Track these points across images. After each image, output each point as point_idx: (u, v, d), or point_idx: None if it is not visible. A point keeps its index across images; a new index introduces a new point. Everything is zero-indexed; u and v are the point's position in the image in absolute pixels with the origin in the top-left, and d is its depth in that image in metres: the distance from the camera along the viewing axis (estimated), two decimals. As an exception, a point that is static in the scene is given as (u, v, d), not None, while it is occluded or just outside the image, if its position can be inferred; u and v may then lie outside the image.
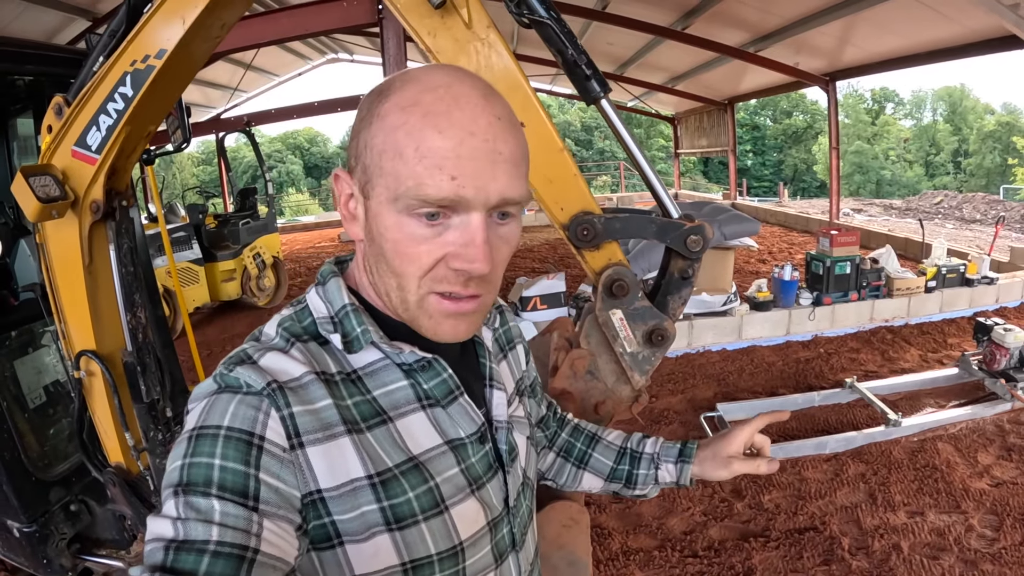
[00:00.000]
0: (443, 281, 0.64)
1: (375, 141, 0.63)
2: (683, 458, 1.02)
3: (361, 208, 0.67)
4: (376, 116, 0.63)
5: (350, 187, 0.68)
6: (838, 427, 4.06)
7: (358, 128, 0.66)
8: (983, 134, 33.48)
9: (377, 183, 0.63)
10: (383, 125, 0.62)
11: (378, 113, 0.63)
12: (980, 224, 13.87)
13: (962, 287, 6.26)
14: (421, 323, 0.68)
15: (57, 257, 1.93)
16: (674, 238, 1.43)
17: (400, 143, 0.61)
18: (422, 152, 0.60)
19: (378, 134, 0.63)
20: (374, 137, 0.63)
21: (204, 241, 7.13)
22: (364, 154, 0.64)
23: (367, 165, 0.64)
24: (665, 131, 31.89)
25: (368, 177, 0.64)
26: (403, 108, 0.61)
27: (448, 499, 0.69)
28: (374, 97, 0.65)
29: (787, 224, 12.51)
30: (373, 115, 0.64)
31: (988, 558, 2.73)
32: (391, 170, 0.61)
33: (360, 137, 0.65)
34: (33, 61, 2.44)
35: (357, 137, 0.66)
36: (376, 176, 0.63)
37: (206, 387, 0.64)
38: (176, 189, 25.57)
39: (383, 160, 0.62)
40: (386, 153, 0.62)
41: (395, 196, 0.62)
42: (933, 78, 72.38)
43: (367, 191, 0.65)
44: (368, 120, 0.64)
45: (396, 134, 0.61)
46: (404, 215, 0.62)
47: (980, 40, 7.43)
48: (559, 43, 1.31)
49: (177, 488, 0.57)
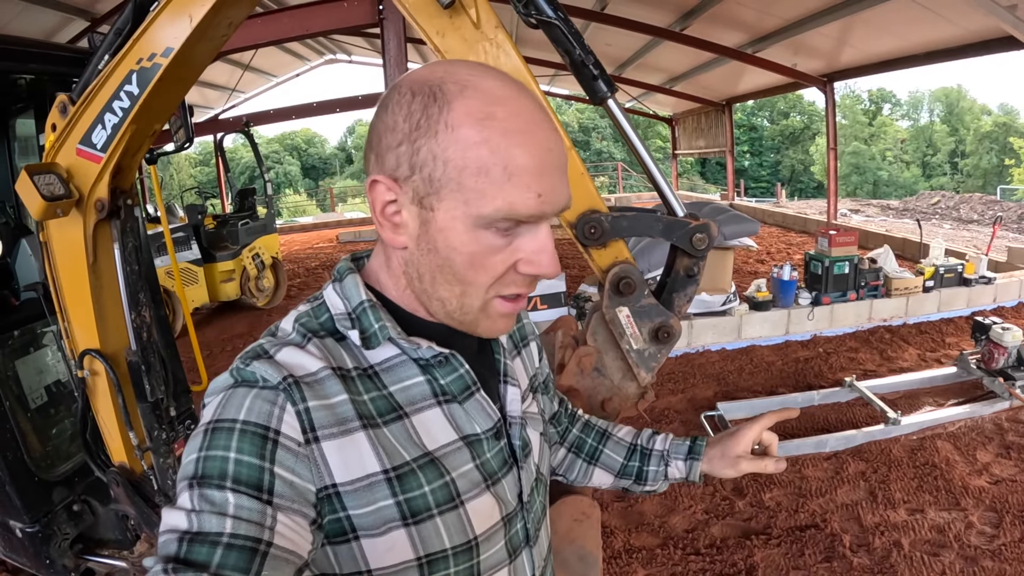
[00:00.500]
0: (511, 285, 0.67)
1: (449, 155, 0.61)
2: (692, 455, 1.02)
3: (413, 218, 0.65)
4: (444, 126, 0.61)
5: (393, 194, 0.65)
6: (838, 426, 4.07)
7: (414, 136, 0.62)
8: (980, 135, 33.60)
9: (450, 197, 0.62)
10: (457, 138, 0.61)
11: (446, 123, 0.61)
12: (977, 224, 13.92)
13: (960, 287, 6.28)
14: (479, 324, 0.70)
15: (61, 256, 1.93)
16: (680, 236, 1.44)
17: (485, 160, 0.60)
18: (511, 171, 0.60)
19: (451, 147, 0.61)
20: (446, 150, 0.61)
21: (203, 242, 7.12)
22: (431, 166, 0.62)
23: (435, 178, 0.62)
24: (663, 132, 31.89)
25: (435, 189, 0.63)
26: (479, 121, 0.60)
27: (464, 494, 0.70)
28: (428, 103, 0.62)
29: (785, 224, 12.54)
30: (437, 124, 0.61)
31: (988, 554, 2.74)
32: (474, 186, 0.61)
33: (421, 146, 0.62)
34: (35, 60, 2.43)
35: (413, 144, 0.62)
36: (451, 191, 0.62)
37: (223, 381, 0.65)
38: (174, 190, 25.54)
39: (463, 176, 0.61)
40: (467, 169, 0.61)
41: (478, 213, 0.62)
42: (930, 79, 72.88)
43: (429, 203, 0.63)
44: (431, 129, 0.61)
45: (479, 150, 0.60)
46: (481, 229, 0.63)
47: (977, 41, 7.46)
48: (567, 43, 1.31)
49: (192, 480, 0.57)
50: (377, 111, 0.67)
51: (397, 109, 0.63)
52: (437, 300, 0.68)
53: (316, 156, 42.35)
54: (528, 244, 0.65)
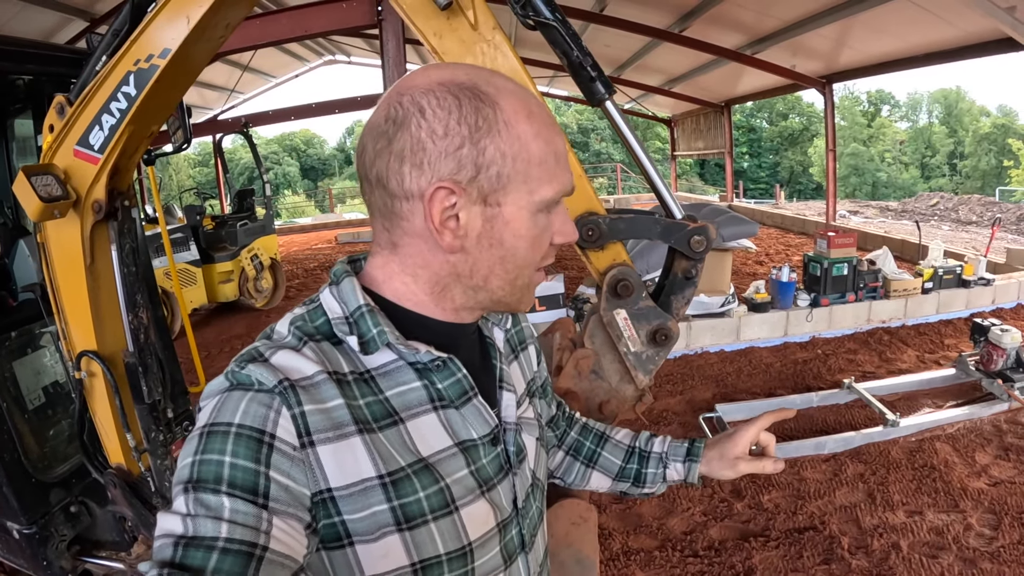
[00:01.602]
0: (547, 257, 0.74)
1: (515, 150, 0.65)
2: (691, 457, 1.02)
3: (476, 218, 0.66)
4: (504, 125, 0.64)
5: (455, 198, 0.65)
6: (836, 427, 4.08)
7: (476, 136, 0.63)
8: (979, 136, 33.61)
9: (517, 189, 0.66)
10: (518, 134, 0.65)
11: (504, 122, 0.64)
12: (976, 226, 13.92)
13: (959, 288, 6.28)
14: (522, 301, 0.75)
15: (59, 257, 1.92)
16: (678, 239, 1.44)
17: (541, 150, 0.67)
18: (557, 156, 0.69)
19: (512, 142, 0.65)
20: (512, 146, 0.65)
21: (201, 242, 7.10)
22: (499, 163, 0.65)
23: (503, 174, 0.65)
24: (662, 133, 31.93)
25: (502, 185, 0.66)
26: (527, 118, 0.66)
27: (458, 500, 0.69)
28: (478, 105, 0.64)
29: (784, 226, 12.55)
30: (496, 124, 0.64)
31: (987, 556, 2.74)
32: (538, 175, 0.67)
33: (486, 146, 0.64)
34: (33, 61, 2.43)
35: (477, 145, 0.64)
36: (518, 183, 0.66)
37: (218, 384, 0.64)
38: (173, 190, 25.52)
39: (530, 168, 0.66)
40: (532, 161, 0.66)
41: (541, 198, 0.68)
42: (929, 80, 72.75)
43: (496, 199, 0.66)
44: (492, 129, 0.64)
45: (537, 142, 0.66)
46: (538, 213, 0.69)
47: (976, 43, 7.46)
48: (564, 45, 1.31)
49: (187, 485, 0.57)
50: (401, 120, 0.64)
51: (443, 113, 0.63)
52: (486, 291, 0.72)
53: (315, 157, 42.33)
54: (558, 218, 0.72)
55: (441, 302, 0.72)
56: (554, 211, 0.71)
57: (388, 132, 0.65)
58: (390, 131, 0.65)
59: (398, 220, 0.68)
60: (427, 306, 0.73)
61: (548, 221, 0.71)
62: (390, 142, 0.65)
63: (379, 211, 0.70)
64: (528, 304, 0.76)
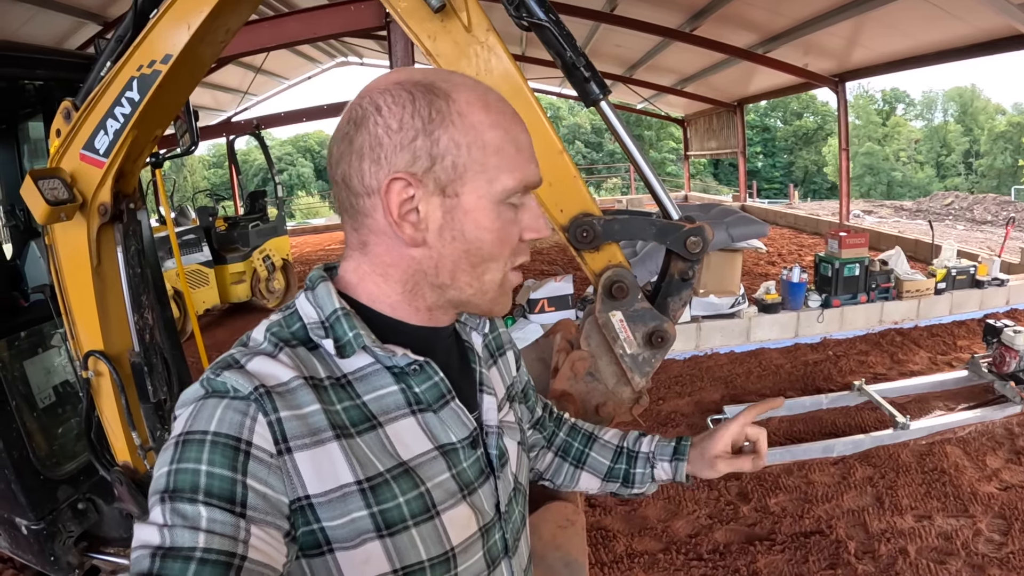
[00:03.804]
0: (519, 255, 0.73)
1: (469, 139, 0.65)
2: (677, 456, 1.02)
3: (435, 210, 0.66)
4: (457, 115, 0.65)
5: (412, 190, 0.65)
6: (845, 430, 4.04)
7: (430, 128, 0.64)
8: (994, 135, 33.17)
9: (475, 179, 0.66)
10: (472, 123, 0.65)
11: (458, 112, 0.65)
12: (991, 225, 13.74)
13: (972, 289, 6.20)
14: (497, 302, 0.73)
15: (65, 259, 1.96)
16: (674, 240, 1.43)
17: (498, 139, 0.66)
18: (518, 145, 0.68)
19: (469, 132, 0.65)
20: (466, 135, 0.65)
21: (214, 243, 7.17)
22: (453, 152, 0.65)
23: (459, 163, 0.65)
24: (675, 133, 31.79)
25: (458, 175, 0.65)
26: (483, 108, 0.66)
27: (439, 504, 0.69)
28: (431, 98, 0.65)
29: (797, 226, 12.44)
30: (450, 115, 0.65)
31: (996, 563, 2.70)
32: (496, 164, 0.66)
33: (439, 136, 0.64)
34: (43, 66, 2.47)
35: (431, 136, 0.64)
36: (475, 172, 0.66)
37: (193, 392, 0.64)
38: (187, 192, 25.77)
39: (486, 156, 0.66)
40: (488, 149, 0.66)
41: (502, 188, 0.67)
42: (944, 79, 71.95)
43: (454, 189, 0.66)
44: (445, 120, 0.65)
45: (494, 132, 0.66)
46: (501, 204, 0.68)
47: (989, 40, 7.37)
48: (558, 45, 1.31)
49: (164, 494, 0.57)
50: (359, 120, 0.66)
51: (397, 109, 0.65)
52: (454, 289, 0.71)
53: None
54: (527, 213, 0.71)
55: (414, 301, 0.72)
56: (522, 205, 0.71)
57: (349, 133, 0.67)
58: (351, 132, 0.67)
59: (363, 218, 0.69)
60: (401, 307, 0.73)
61: (515, 215, 0.70)
62: (351, 142, 0.67)
63: (347, 212, 0.71)
64: (503, 307, 0.75)
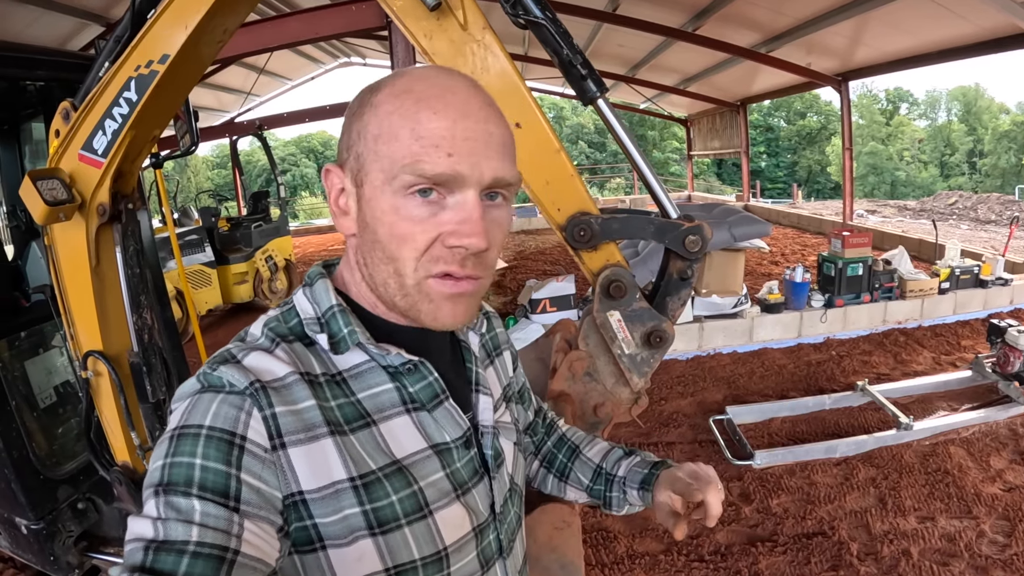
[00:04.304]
0: (440, 261, 0.65)
1: (369, 128, 0.65)
2: (643, 486, 0.94)
3: (353, 200, 0.68)
4: (369, 106, 0.65)
5: (341, 181, 0.69)
6: (849, 431, 4.02)
7: (349, 121, 0.67)
8: (998, 134, 32.99)
9: (371, 168, 0.65)
10: (376, 112, 0.64)
11: (371, 103, 0.65)
12: (995, 225, 13.69)
13: (976, 288, 6.18)
14: (421, 309, 0.67)
15: (65, 259, 1.95)
16: (672, 239, 1.43)
17: (395, 126, 0.63)
18: (418, 132, 0.62)
19: (371, 121, 0.64)
20: (367, 125, 0.65)
21: (217, 244, 7.19)
22: (357, 143, 0.66)
23: (360, 153, 0.65)
24: (679, 133, 31.74)
25: (361, 165, 0.66)
26: (396, 95, 0.64)
27: (432, 503, 0.69)
28: (365, 92, 0.67)
29: (800, 226, 12.41)
30: (365, 106, 0.66)
31: (999, 564, 2.69)
32: (387, 153, 0.63)
33: (352, 128, 0.67)
34: (44, 67, 2.47)
35: (349, 129, 0.67)
36: (371, 162, 0.64)
37: (189, 386, 0.64)
38: (191, 192, 25.82)
39: (378, 144, 0.64)
40: (381, 137, 0.63)
41: (391, 176, 0.63)
42: (947, 78, 71.66)
43: (360, 179, 0.66)
44: (360, 112, 0.66)
45: (391, 119, 0.63)
46: (400, 196, 0.63)
47: (993, 39, 7.33)
48: (554, 43, 1.31)
49: (158, 488, 0.57)
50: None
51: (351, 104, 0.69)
52: (379, 284, 0.69)
53: (332, 158, 42.34)
54: (453, 215, 0.64)
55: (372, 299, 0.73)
56: (448, 204, 0.64)
57: None
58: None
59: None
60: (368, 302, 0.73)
61: (429, 213, 0.63)
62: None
63: None
64: (433, 318, 0.68)
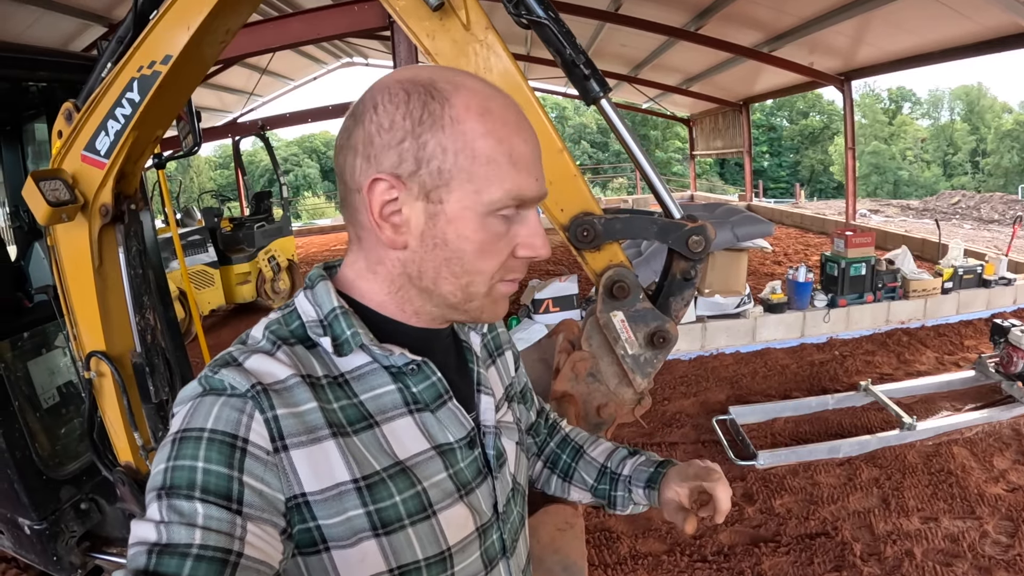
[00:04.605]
0: (511, 271, 0.70)
1: (458, 146, 0.63)
2: (649, 485, 0.97)
3: (418, 215, 0.65)
4: (449, 120, 0.63)
5: (395, 192, 0.65)
6: (852, 431, 4.01)
7: (418, 131, 0.63)
8: (1001, 133, 32.88)
9: (460, 187, 0.64)
10: (461, 130, 0.63)
11: (451, 117, 0.63)
12: (998, 224, 13.67)
13: (979, 288, 6.16)
14: (484, 311, 0.71)
15: (67, 259, 1.96)
16: (676, 239, 1.42)
17: (490, 149, 0.64)
18: (514, 159, 0.65)
19: (457, 138, 0.63)
20: (455, 142, 0.63)
21: (219, 244, 7.21)
22: (439, 158, 0.63)
23: (444, 169, 0.63)
24: (681, 133, 31.66)
25: (444, 181, 0.64)
26: (480, 116, 0.63)
27: (436, 504, 0.69)
28: (426, 99, 0.63)
29: (803, 225, 12.39)
30: (442, 119, 0.63)
31: (1003, 565, 2.68)
32: (483, 175, 0.64)
33: (427, 140, 0.63)
34: (46, 68, 2.47)
35: (418, 140, 0.63)
36: (461, 181, 0.64)
37: (191, 390, 0.64)
38: (193, 193, 25.87)
39: (475, 166, 0.63)
40: (477, 159, 0.63)
41: (489, 199, 0.64)
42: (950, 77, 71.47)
43: (438, 196, 0.64)
44: (436, 124, 0.63)
45: (486, 141, 0.63)
46: (489, 216, 0.65)
47: (996, 37, 7.31)
48: (557, 43, 1.30)
49: (160, 491, 0.57)
50: (359, 115, 0.66)
51: (391, 108, 0.64)
52: (438, 296, 0.69)
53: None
54: (523, 229, 0.68)
55: (402, 304, 0.72)
56: (517, 219, 0.68)
57: (349, 127, 0.68)
58: (351, 125, 0.67)
59: (354, 213, 0.70)
60: (390, 308, 0.72)
61: (507, 229, 0.67)
62: (349, 136, 0.67)
63: (344, 205, 0.72)
64: (493, 316, 0.73)
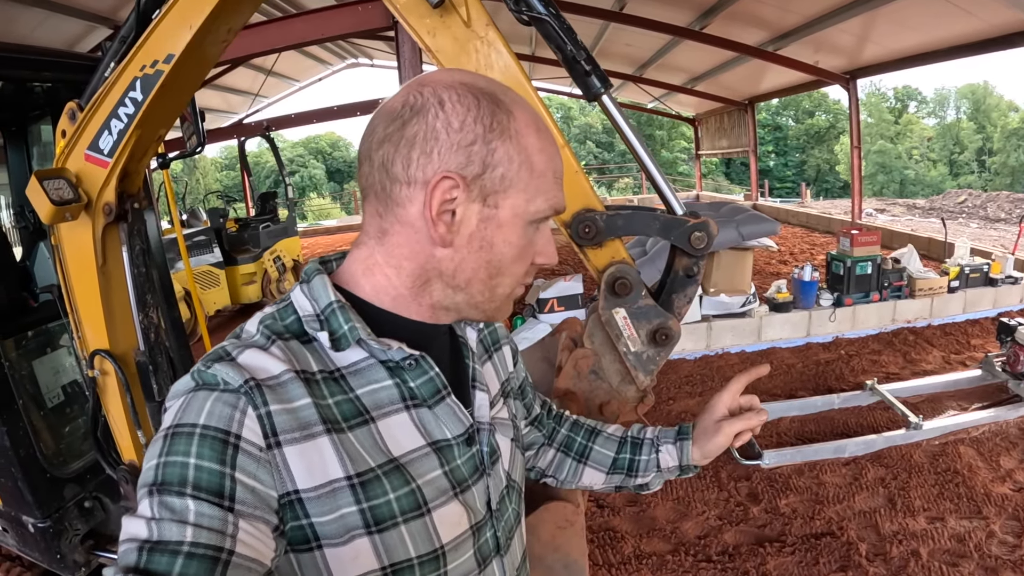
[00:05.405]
0: (528, 276, 0.75)
1: (518, 155, 0.66)
2: (681, 436, 1.01)
3: (472, 216, 0.66)
4: (514, 131, 0.66)
5: (457, 191, 0.65)
6: (858, 430, 3.99)
7: (489, 137, 0.65)
8: (1007, 132, 32.66)
9: (516, 195, 0.67)
10: (522, 142, 0.67)
11: (513, 129, 0.66)
12: (1004, 223, 13.58)
13: (986, 287, 6.13)
14: (499, 312, 0.75)
15: (71, 258, 1.96)
16: (678, 235, 1.41)
17: (543, 164, 0.68)
18: (557, 175, 0.71)
19: (520, 150, 0.66)
20: (520, 152, 0.66)
21: (225, 245, 7.22)
22: (505, 165, 0.66)
23: (507, 176, 0.66)
24: (687, 133, 31.58)
25: (503, 187, 0.66)
26: (536, 131, 0.68)
27: (430, 502, 0.68)
28: (494, 108, 0.66)
29: (809, 225, 12.35)
30: (508, 129, 0.66)
31: (1009, 565, 2.66)
32: (536, 187, 0.68)
33: (496, 147, 0.65)
34: (50, 68, 2.48)
35: (488, 145, 0.65)
36: (518, 189, 0.67)
37: (183, 384, 0.63)
38: (199, 194, 25.97)
39: (532, 177, 0.68)
40: (535, 171, 0.68)
41: (535, 209, 0.69)
42: (956, 75, 71.00)
43: (495, 200, 0.67)
44: (505, 132, 0.66)
45: (541, 156, 0.68)
46: (529, 224, 0.70)
47: (1002, 35, 7.28)
48: (558, 39, 1.30)
49: (152, 488, 0.56)
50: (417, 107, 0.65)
51: (461, 109, 0.64)
52: (465, 294, 0.71)
53: (340, 159, 42.57)
54: (541, 238, 0.73)
55: (419, 297, 0.72)
56: (540, 229, 0.72)
57: (404, 116, 0.65)
58: (406, 115, 0.65)
59: (393, 206, 0.68)
60: (404, 300, 0.72)
61: (535, 237, 0.72)
62: (404, 126, 0.65)
63: (376, 194, 0.69)
64: (504, 315, 0.76)
